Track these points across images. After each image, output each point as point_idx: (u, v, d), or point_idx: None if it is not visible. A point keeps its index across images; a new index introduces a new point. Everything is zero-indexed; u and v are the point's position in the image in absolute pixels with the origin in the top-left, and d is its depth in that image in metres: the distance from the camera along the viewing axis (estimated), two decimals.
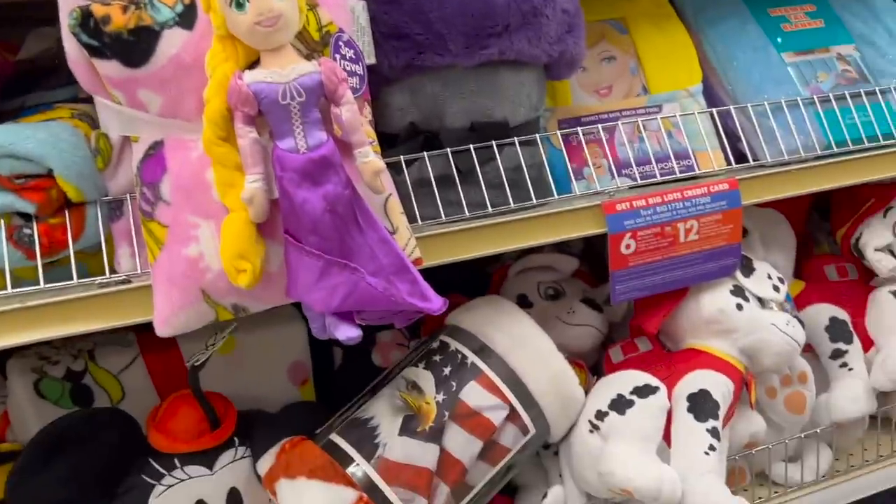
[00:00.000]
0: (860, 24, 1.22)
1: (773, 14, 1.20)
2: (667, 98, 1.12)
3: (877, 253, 1.19)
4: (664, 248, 0.99)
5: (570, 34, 0.95)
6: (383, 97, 0.94)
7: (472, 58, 0.89)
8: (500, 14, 0.87)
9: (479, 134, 0.92)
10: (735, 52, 1.15)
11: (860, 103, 1.12)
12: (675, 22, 1.17)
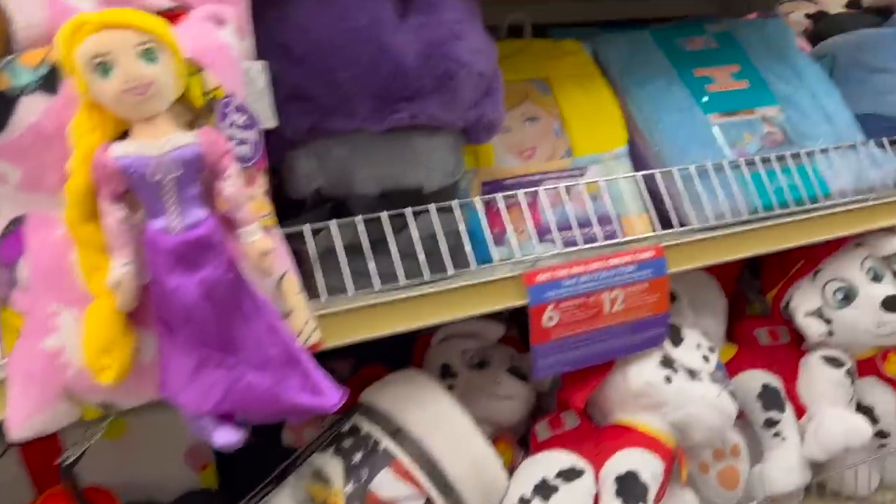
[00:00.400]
0: (784, 85, 1.21)
1: (699, 74, 1.18)
2: (591, 160, 1.08)
3: (807, 318, 1.16)
4: (588, 319, 0.94)
5: (487, 98, 0.90)
6: (289, 161, 0.88)
7: (382, 122, 0.84)
8: (411, 77, 0.82)
9: (391, 201, 0.86)
10: (660, 113, 1.12)
11: (785, 166, 1.10)
12: (600, 82, 1.14)
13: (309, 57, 0.80)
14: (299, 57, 0.80)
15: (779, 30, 1.29)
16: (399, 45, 0.81)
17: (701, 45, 1.23)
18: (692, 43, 1.23)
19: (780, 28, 1.29)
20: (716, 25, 1.27)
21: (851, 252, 1.19)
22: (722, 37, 1.25)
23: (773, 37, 1.28)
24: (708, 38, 1.24)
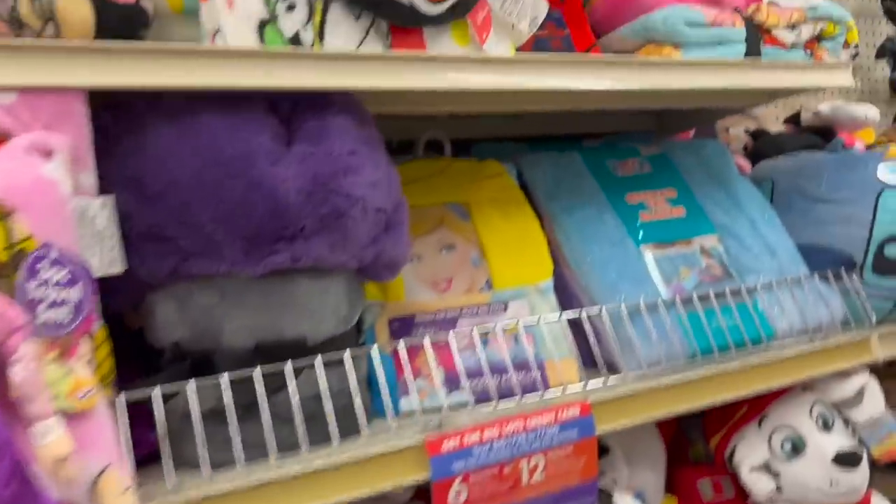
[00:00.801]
0: (722, 212, 1.13)
1: (631, 201, 1.10)
2: (513, 294, 0.97)
3: (752, 473, 1.04)
4: (504, 493, 0.80)
5: (387, 234, 0.79)
6: (149, 304, 0.74)
7: (257, 266, 0.71)
8: (291, 216, 0.70)
9: (267, 356, 0.73)
10: (590, 244, 1.02)
11: (725, 304, 1.00)
12: (524, 208, 1.04)
13: (166, 193, 0.67)
14: (155, 193, 0.67)
15: (717, 152, 1.22)
16: (277, 178, 0.69)
17: (634, 168, 1.15)
18: (624, 166, 1.14)
19: (718, 151, 1.23)
20: (650, 147, 1.19)
21: (799, 397, 1.09)
22: (656, 160, 1.17)
23: (711, 160, 1.21)
24: (641, 161, 1.16)
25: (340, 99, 0.77)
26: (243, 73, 0.69)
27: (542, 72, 0.87)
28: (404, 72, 0.79)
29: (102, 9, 0.72)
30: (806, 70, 1.05)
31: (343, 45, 0.78)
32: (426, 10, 0.79)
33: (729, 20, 1.05)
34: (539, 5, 0.96)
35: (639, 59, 0.92)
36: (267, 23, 0.73)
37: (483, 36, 0.89)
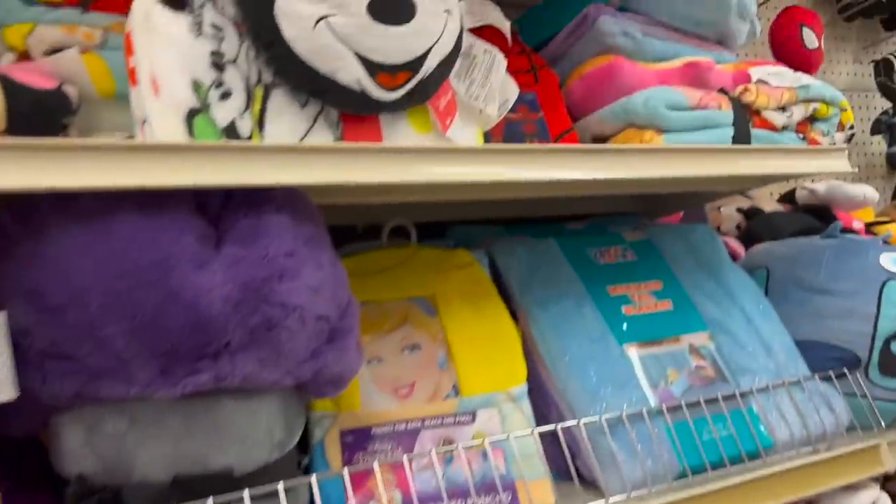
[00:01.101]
0: (713, 306, 1.04)
1: (614, 293, 1.01)
2: (483, 402, 0.87)
3: None
4: None
5: (331, 345, 0.70)
6: (53, 429, 0.65)
7: (175, 387, 0.62)
8: (215, 329, 0.61)
9: (187, 490, 0.63)
10: (568, 342, 0.93)
11: (718, 411, 0.91)
12: (496, 302, 0.95)
13: (70, 306, 0.58)
14: (57, 306, 0.58)
15: (706, 238, 1.14)
16: (200, 287, 0.61)
17: (617, 256, 1.07)
18: (606, 254, 1.06)
19: (707, 236, 1.15)
20: (634, 233, 1.11)
21: None
22: (641, 247, 1.09)
23: (700, 246, 1.13)
24: (625, 248, 1.08)
25: (279, 192, 0.69)
26: (166, 171, 0.61)
27: (510, 163, 0.80)
28: (356, 165, 0.71)
29: (14, 95, 0.65)
30: (799, 155, 0.98)
31: (286, 134, 0.70)
32: (379, 97, 0.72)
33: (714, 102, 0.98)
34: (509, 88, 0.89)
35: (617, 147, 0.85)
36: (198, 112, 0.66)
37: (446, 122, 0.82)
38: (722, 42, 1.21)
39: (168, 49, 0.65)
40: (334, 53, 0.68)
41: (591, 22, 1.04)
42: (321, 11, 0.67)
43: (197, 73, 0.66)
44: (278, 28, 0.66)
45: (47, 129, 0.68)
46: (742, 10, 1.14)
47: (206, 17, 0.67)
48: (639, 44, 1.06)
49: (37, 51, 0.72)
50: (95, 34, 0.74)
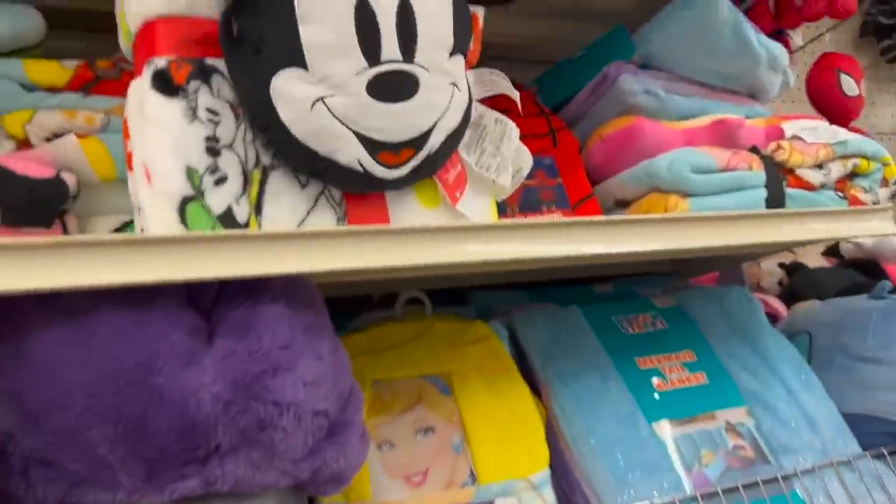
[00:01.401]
0: (751, 378, 0.98)
1: (643, 366, 0.95)
2: (501, 490, 0.82)
3: None
4: None
5: (331, 441, 0.66)
6: None
7: (161, 493, 0.58)
8: (203, 432, 0.58)
9: None
10: (593, 422, 0.88)
11: (758, 496, 0.84)
12: (515, 379, 0.91)
13: (52, 411, 0.56)
14: (38, 410, 0.56)
15: (742, 302, 1.08)
16: (188, 386, 0.58)
17: (646, 324, 1.01)
18: (635, 322, 1.01)
19: (743, 300, 1.08)
20: (665, 298, 1.06)
21: None
22: (672, 314, 1.04)
23: (735, 311, 1.06)
24: (654, 315, 1.03)
25: (275, 279, 0.66)
26: (155, 266, 0.58)
27: (524, 239, 0.75)
28: (360, 249, 0.68)
29: (9, 185, 0.64)
30: (839, 218, 0.92)
31: (285, 217, 0.68)
32: (382, 175, 0.69)
33: (745, 163, 0.93)
34: (523, 156, 0.86)
35: (638, 218, 0.80)
36: (191, 200, 0.63)
37: (456, 194, 0.78)
38: (753, 95, 1.16)
39: (160, 136, 0.63)
40: (333, 134, 0.65)
41: (612, 81, 1.01)
42: (318, 93, 0.64)
43: (191, 159, 0.64)
44: (275, 110, 0.64)
45: (43, 218, 0.67)
46: (773, 63, 1.09)
47: (201, 101, 0.65)
48: (662, 102, 1.02)
49: (37, 138, 0.71)
50: (97, 118, 0.73)
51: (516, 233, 0.75)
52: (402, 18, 0.66)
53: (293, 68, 0.63)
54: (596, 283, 1.20)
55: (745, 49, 1.04)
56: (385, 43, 0.66)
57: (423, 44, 0.68)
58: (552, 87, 1.12)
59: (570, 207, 0.94)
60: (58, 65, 0.73)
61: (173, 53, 0.65)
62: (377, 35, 0.65)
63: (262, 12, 0.64)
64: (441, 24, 0.70)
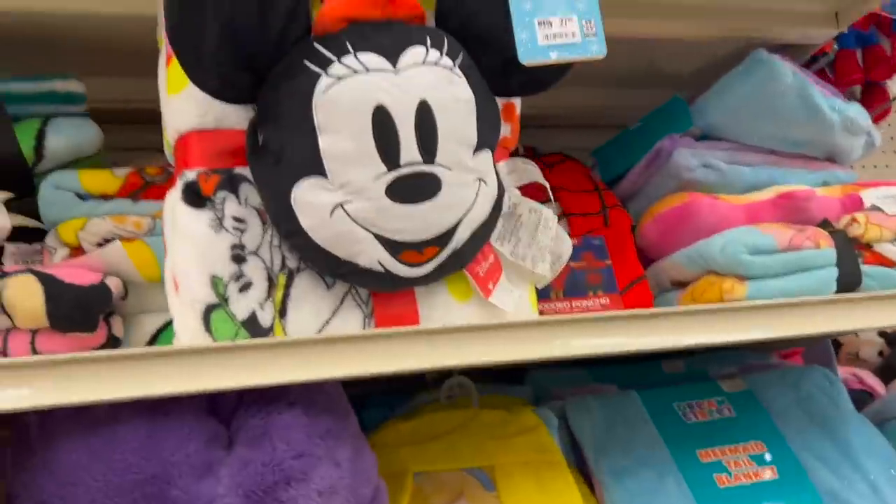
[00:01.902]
0: (829, 473, 0.89)
1: (706, 459, 0.89)
2: None
3: None
4: None
5: None
6: None
7: None
8: None
9: None
10: None
11: None
12: (563, 475, 0.87)
13: None
14: None
15: (821, 386, 1.00)
16: (201, 499, 0.59)
17: (710, 411, 0.95)
18: (698, 409, 0.95)
19: (822, 383, 1.00)
20: (733, 381, 0.99)
21: None
22: (740, 399, 0.97)
23: (813, 397, 0.98)
24: (721, 401, 0.96)
25: (294, 386, 0.67)
26: (177, 378, 0.60)
27: (561, 334, 0.73)
28: (387, 352, 0.68)
29: (56, 293, 0.69)
30: None
31: (309, 320, 0.68)
32: (406, 274, 0.69)
33: (811, 241, 0.87)
34: (563, 243, 0.83)
35: (686, 310, 0.75)
36: (215, 307, 0.65)
37: (489, 286, 0.77)
38: (832, 159, 1.09)
39: (187, 247, 0.66)
40: (353, 238, 0.66)
41: (667, 155, 0.97)
42: (337, 199, 0.65)
43: (216, 268, 0.66)
44: (296, 218, 0.65)
45: (88, 323, 0.71)
46: (849, 126, 1.02)
47: (228, 210, 0.68)
48: (724, 175, 0.97)
49: (88, 244, 0.76)
50: (144, 222, 0.77)
51: (550, 329, 0.73)
52: (422, 121, 0.66)
53: (313, 177, 0.65)
54: (667, 359, 1.14)
55: (815, 115, 0.98)
56: (404, 147, 0.66)
57: (445, 144, 0.68)
58: (610, 160, 1.10)
59: (619, 292, 0.90)
60: (110, 173, 0.78)
61: (204, 165, 0.68)
62: (396, 140, 0.66)
63: (283, 123, 0.66)
64: (463, 123, 0.69)
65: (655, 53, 1.19)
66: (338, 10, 0.68)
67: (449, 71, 0.69)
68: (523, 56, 0.70)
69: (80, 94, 0.82)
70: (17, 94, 0.78)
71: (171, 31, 0.60)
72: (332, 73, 0.65)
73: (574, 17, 0.72)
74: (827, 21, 1.05)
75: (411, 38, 0.68)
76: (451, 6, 0.72)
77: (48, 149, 0.78)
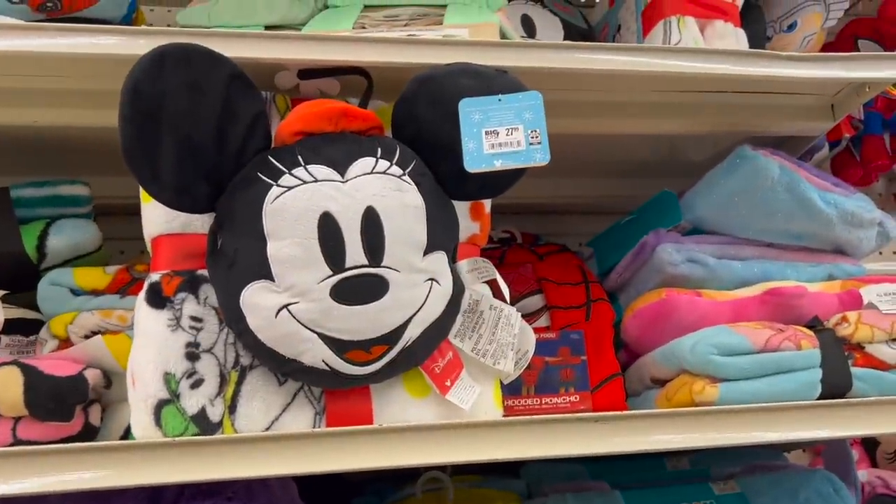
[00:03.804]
0: None
1: None
2: None
3: None
4: None
5: None
6: None
7: None
8: None
9: None
10: None
11: None
12: None
13: None
14: None
15: (823, 493, 0.94)
16: None
17: None
18: None
19: (825, 490, 0.94)
20: (724, 484, 0.95)
21: None
22: (731, 502, 0.92)
23: (813, 500, 0.93)
24: None
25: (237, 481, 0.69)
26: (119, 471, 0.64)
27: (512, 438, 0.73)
28: (335, 450, 0.70)
29: (35, 384, 0.74)
30: None
31: (257, 416, 0.71)
32: (352, 372, 0.71)
33: (791, 342, 0.84)
34: (527, 337, 0.84)
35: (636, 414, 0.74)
36: (167, 403, 0.69)
37: (446, 384, 0.78)
38: (842, 251, 1.05)
39: (145, 344, 0.71)
40: (298, 338, 0.69)
41: (651, 250, 0.97)
42: (282, 301, 0.69)
43: (169, 365, 0.70)
44: (244, 319, 0.69)
45: (64, 413, 0.76)
46: (850, 219, 0.99)
47: (186, 310, 0.72)
48: (712, 270, 0.95)
49: (76, 336, 0.82)
50: (128, 316, 0.83)
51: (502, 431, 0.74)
52: (368, 226, 0.70)
53: (261, 280, 0.69)
54: (671, 456, 1.11)
55: (809, 209, 0.96)
56: (349, 251, 0.69)
57: (392, 247, 0.71)
58: (604, 251, 1.10)
59: (590, 390, 0.89)
60: (101, 271, 0.85)
61: (169, 267, 0.74)
62: (341, 244, 0.69)
63: (237, 230, 0.70)
64: (412, 227, 0.72)
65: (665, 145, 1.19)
66: (293, 125, 0.73)
67: (398, 179, 0.72)
68: (469, 164, 0.74)
69: (84, 197, 0.90)
70: (26, 199, 0.87)
71: (126, 151, 0.66)
72: (283, 183, 0.69)
73: (521, 126, 0.75)
74: (823, 114, 1.04)
75: (361, 149, 0.72)
76: (404, 118, 0.77)
77: (49, 248, 0.86)
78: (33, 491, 0.62)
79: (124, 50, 0.76)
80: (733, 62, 0.88)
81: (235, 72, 0.70)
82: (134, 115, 0.66)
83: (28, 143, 0.96)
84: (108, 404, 0.82)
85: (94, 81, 0.85)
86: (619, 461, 1.08)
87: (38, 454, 0.63)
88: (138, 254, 0.95)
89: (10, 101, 0.86)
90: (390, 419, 0.75)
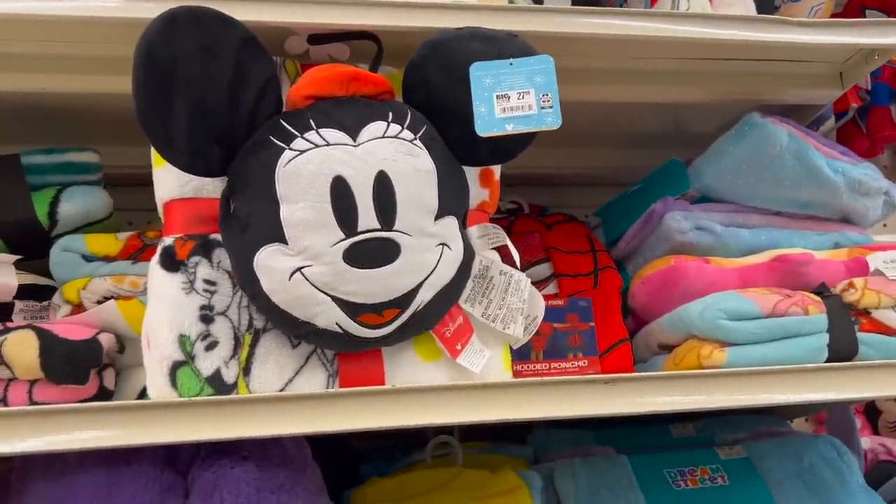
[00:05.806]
0: None
1: None
2: None
3: None
4: None
5: None
6: None
7: None
8: None
9: None
10: None
11: None
12: None
13: None
14: None
15: (828, 458, 0.95)
16: None
17: (702, 480, 0.92)
18: (689, 477, 0.92)
19: (830, 454, 0.96)
20: (732, 449, 0.96)
21: None
22: (737, 468, 0.94)
23: (818, 469, 0.94)
24: (715, 469, 0.93)
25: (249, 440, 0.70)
26: (132, 430, 0.65)
27: (519, 399, 0.74)
28: (346, 411, 0.71)
29: (50, 347, 0.75)
30: None
31: (271, 378, 0.72)
32: (365, 335, 0.72)
33: (798, 307, 0.84)
34: (536, 303, 0.85)
35: (644, 376, 0.75)
36: (182, 364, 0.70)
37: (456, 347, 0.78)
38: (848, 219, 1.05)
39: (160, 307, 0.71)
40: (312, 301, 0.70)
41: (659, 218, 0.97)
42: (296, 264, 0.69)
43: (184, 327, 0.71)
44: (258, 282, 0.70)
45: (79, 376, 0.76)
46: (858, 187, 0.99)
47: (200, 273, 0.73)
48: (720, 238, 0.96)
49: (89, 302, 0.83)
50: (140, 282, 0.83)
51: (511, 392, 0.74)
52: (380, 190, 0.70)
53: (274, 244, 0.69)
54: (677, 423, 1.12)
55: (817, 177, 0.96)
56: (362, 214, 0.70)
57: (404, 211, 0.71)
58: (612, 220, 1.10)
59: (598, 355, 0.90)
60: (113, 237, 0.85)
61: (182, 231, 0.74)
62: (353, 208, 0.69)
63: (249, 194, 0.71)
64: (423, 192, 0.73)
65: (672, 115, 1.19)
66: (304, 89, 0.73)
67: (409, 143, 0.73)
68: (480, 128, 0.74)
69: (94, 164, 0.90)
70: (37, 166, 0.87)
71: (140, 114, 0.66)
72: (295, 147, 0.70)
73: (532, 90, 0.75)
74: (832, 82, 1.04)
75: (372, 113, 0.73)
76: (415, 83, 0.77)
77: (61, 214, 0.86)
78: (49, 448, 0.62)
79: (132, 13, 0.76)
80: (744, 28, 0.87)
81: (247, 35, 0.70)
82: (148, 79, 0.66)
83: (36, 111, 0.96)
84: (121, 369, 0.83)
85: (102, 47, 0.85)
86: (625, 428, 1.09)
87: (55, 413, 0.64)
88: (145, 224, 0.95)
89: (18, 65, 0.86)
90: (402, 382, 0.76)
